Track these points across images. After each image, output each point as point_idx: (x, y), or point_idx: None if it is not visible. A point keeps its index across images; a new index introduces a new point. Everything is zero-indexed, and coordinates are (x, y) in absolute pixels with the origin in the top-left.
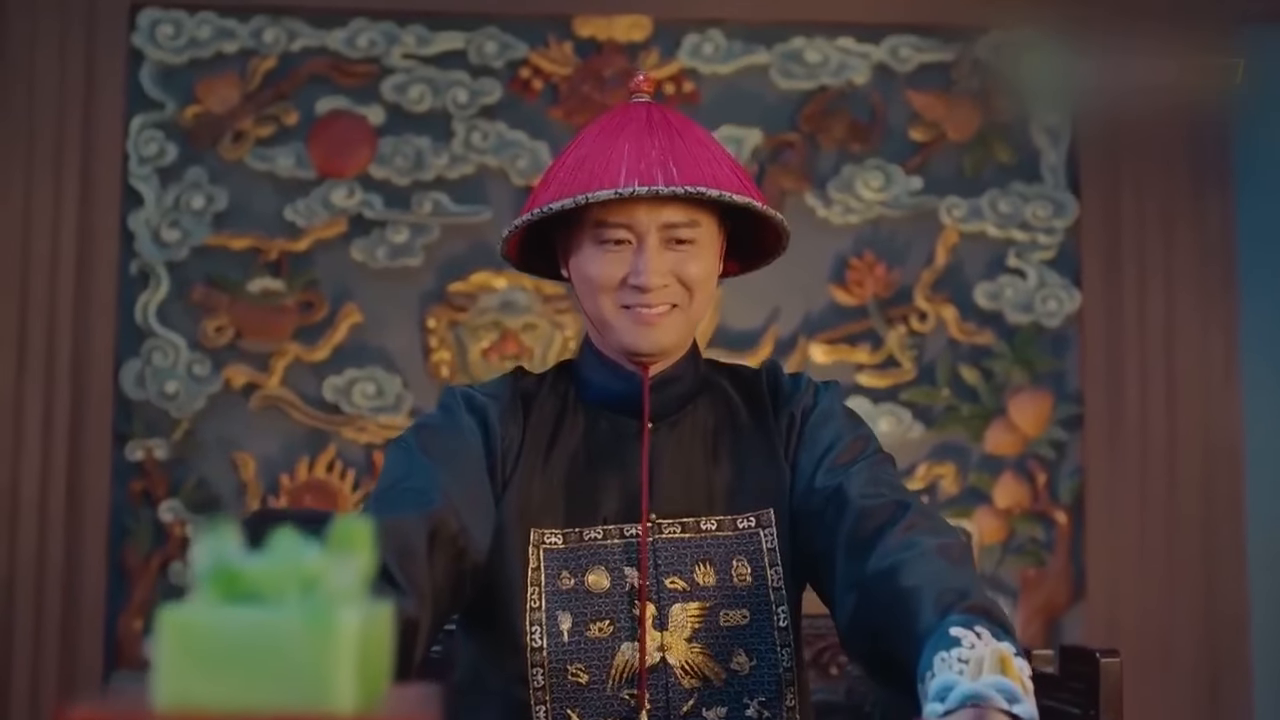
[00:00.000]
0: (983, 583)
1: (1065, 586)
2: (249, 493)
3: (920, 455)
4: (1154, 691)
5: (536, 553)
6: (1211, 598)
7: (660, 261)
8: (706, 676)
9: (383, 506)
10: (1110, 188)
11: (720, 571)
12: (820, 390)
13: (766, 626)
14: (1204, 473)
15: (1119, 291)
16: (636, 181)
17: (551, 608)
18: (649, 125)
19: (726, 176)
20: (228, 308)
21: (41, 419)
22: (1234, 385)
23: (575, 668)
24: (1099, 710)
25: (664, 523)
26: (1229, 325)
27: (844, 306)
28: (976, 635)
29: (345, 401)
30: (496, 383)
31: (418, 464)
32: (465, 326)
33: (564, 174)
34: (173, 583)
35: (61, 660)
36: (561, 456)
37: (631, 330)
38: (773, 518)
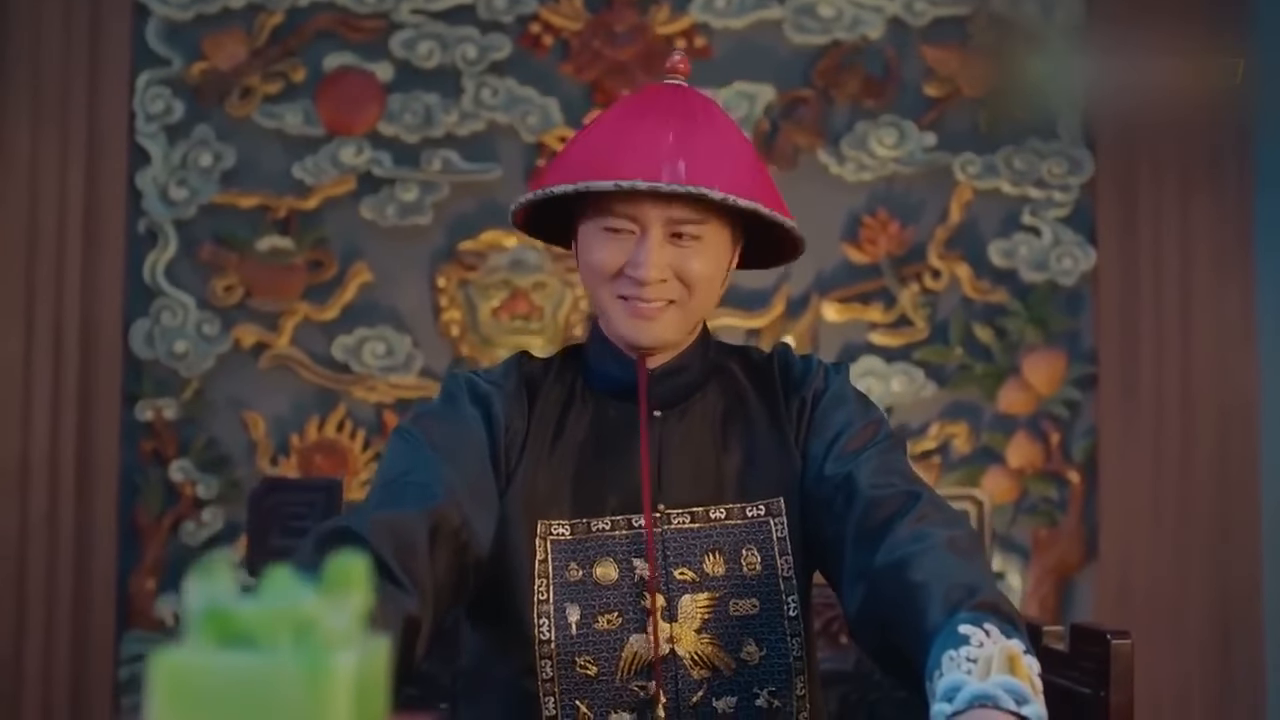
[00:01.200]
0: (993, 575)
1: (1077, 546)
2: (259, 452)
3: (933, 414)
4: (1164, 652)
5: (544, 544)
6: (1224, 558)
7: (661, 255)
8: (716, 667)
9: (385, 500)
10: (1127, 145)
11: (730, 561)
12: (830, 373)
13: (776, 616)
14: (1218, 433)
15: (1134, 250)
16: (641, 176)
17: (559, 600)
18: (671, 114)
19: (742, 175)
20: (236, 266)
21: (51, 379)
22: (1250, 345)
23: (584, 659)
24: (1109, 691)
25: (673, 513)
26: (1245, 284)
27: (857, 265)
28: (985, 633)
29: (355, 361)
30: (501, 369)
31: (421, 456)
32: (475, 285)
33: (577, 153)
34: (184, 542)
35: (74, 619)
36: (568, 446)
37: (627, 322)
38: (782, 506)
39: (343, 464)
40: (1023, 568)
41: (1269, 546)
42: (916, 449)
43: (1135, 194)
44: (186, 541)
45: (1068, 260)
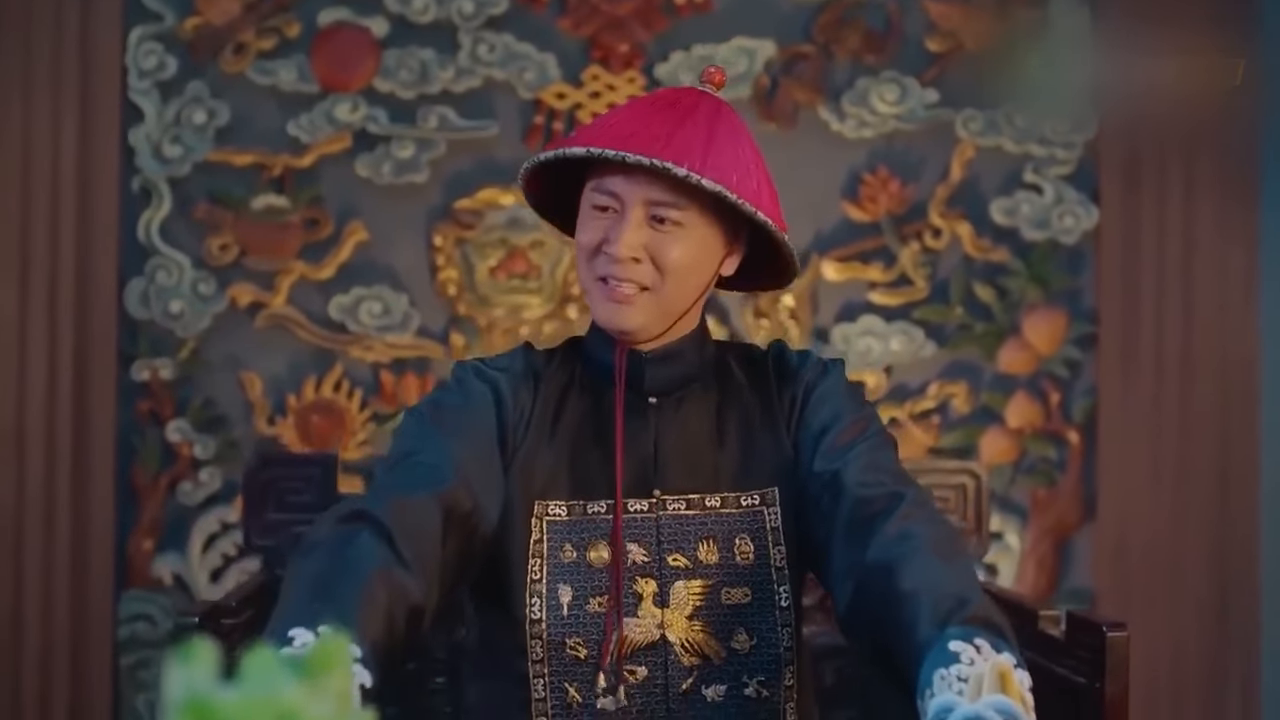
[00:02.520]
0: (977, 578)
1: (1076, 506)
2: (256, 412)
3: (932, 374)
4: (1161, 611)
5: (540, 524)
6: (1222, 518)
7: (635, 235)
8: (706, 655)
9: (397, 481)
10: (1131, 102)
11: (723, 549)
12: (824, 368)
13: (768, 605)
14: (1218, 393)
15: (1138, 208)
16: (618, 147)
17: (552, 580)
18: (690, 112)
19: (725, 172)
20: (231, 225)
21: (46, 339)
22: (1252, 305)
23: (574, 641)
24: (1104, 682)
25: (668, 499)
26: (1249, 244)
27: (856, 223)
28: (976, 649)
29: (352, 320)
30: (507, 356)
31: (431, 436)
32: (472, 244)
33: (586, 129)
34: (181, 502)
35: (73, 580)
36: (567, 429)
37: (603, 305)
38: (776, 496)
39: (340, 424)
40: (1020, 528)
41: (1267, 507)
42: (916, 409)
43: (1139, 152)
44: (184, 501)
45: (1069, 219)
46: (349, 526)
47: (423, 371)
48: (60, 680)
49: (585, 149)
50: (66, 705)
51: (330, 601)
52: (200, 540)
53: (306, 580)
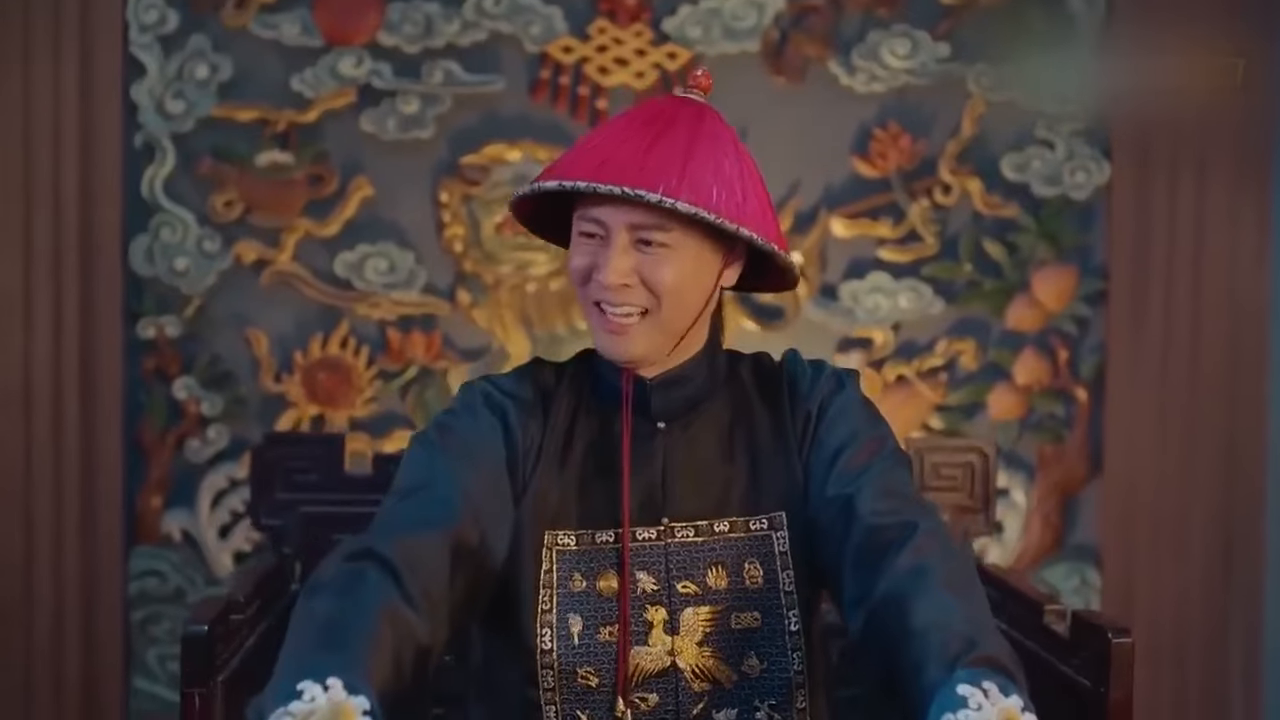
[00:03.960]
0: (989, 613)
1: (1083, 463)
2: (262, 369)
3: (940, 331)
4: (1166, 568)
5: (550, 555)
6: (1229, 476)
7: (623, 260)
8: (717, 679)
9: (404, 517)
10: (1144, 53)
11: (732, 574)
12: (839, 384)
13: (778, 629)
14: (1227, 351)
15: (1150, 164)
16: (593, 176)
17: (562, 610)
18: (669, 127)
19: (706, 189)
20: (236, 181)
21: (52, 298)
22: (1263, 263)
23: (585, 670)
24: (1109, 688)
25: (676, 526)
26: (1261, 202)
27: (866, 179)
28: (984, 693)
29: (357, 277)
30: (515, 378)
31: (440, 469)
32: (478, 200)
33: (569, 154)
34: (189, 459)
35: (82, 537)
36: (576, 457)
37: (602, 336)
38: (784, 520)
39: (346, 381)
40: (1027, 484)
41: (1274, 465)
42: (923, 366)
43: (1152, 107)
44: (191, 459)
45: (1081, 174)
46: (356, 565)
47: (429, 329)
48: (72, 636)
49: (558, 182)
50: (78, 660)
51: (338, 650)
52: (208, 497)
53: (314, 625)
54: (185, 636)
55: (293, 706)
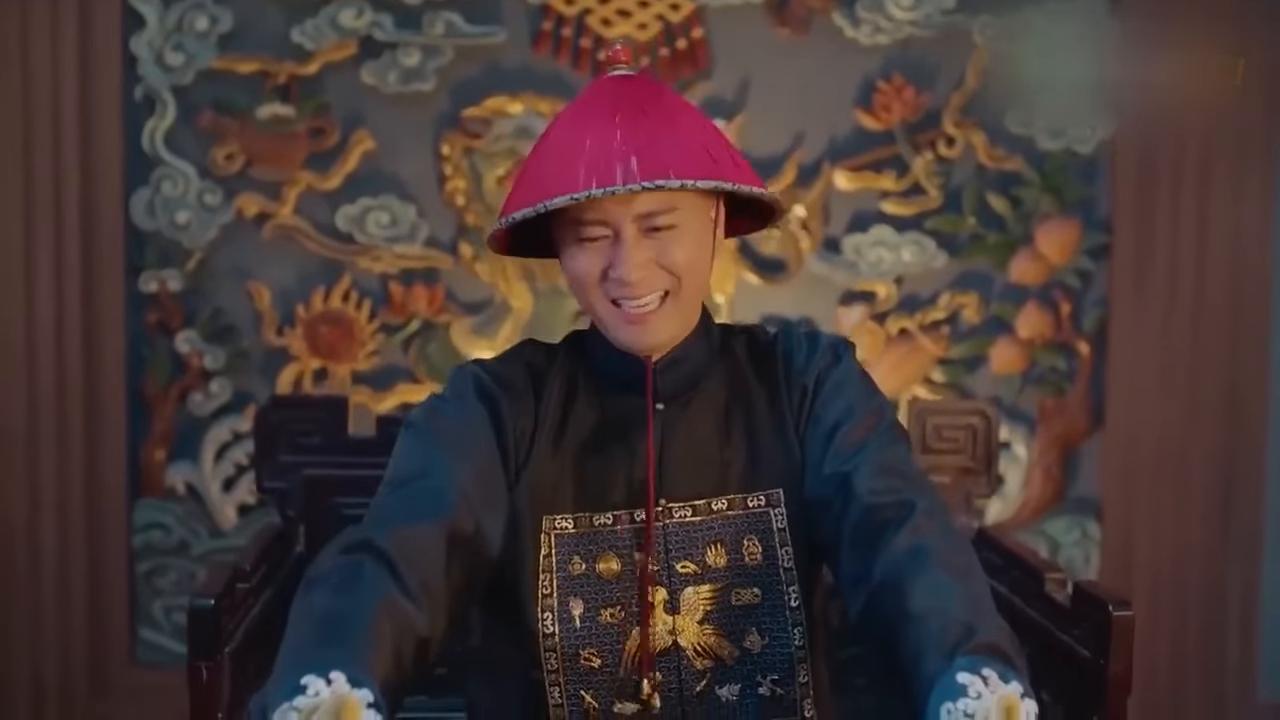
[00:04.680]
0: (989, 593)
1: (1084, 416)
2: (265, 323)
3: (943, 284)
4: (1166, 521)
5: (548, 539)
6: (1229, 430)
7: (639, 252)
8: (719, 656)
9: (398, 508)
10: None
11: (731, 551)
12: (835, 356)
13: (778, 605)
14: (1231, 305)
15: (1155, 116)
16: (595, 181)
17: (563, 594)
18: (616, 110)
19: (696, 153)
20: (237, 134)
21: (53, 252)
22: (1268, 216)
23: (587, 652)
24: (1109, 660)
25: (674, 506)
26: (1267, 155)
27: (870, 131)
28: (983, 681)
29: (359, 231)
30: (507, 362)
31: (434, 458)
32: (480, 153)
33: (534, 171)
34: (192, 413)
35: (87, 491)
36: (572, 440)
37: (624, 329)
38: (782, 497)
39: (349, 335)
40: (1028, 438)
41: (1275, 419)
42: (926, 319)
43: (1159, 58)
44: (195, 412)
45: (1086, 128)
46: (352, 558)
47: (432, 282)
48: (78, 589)
49: (568, 196)
50: (84, 613)
51: (339, 644)
52: (212, 450)
53: (313, 621)
54: (192, 610)
55: (297, 701)
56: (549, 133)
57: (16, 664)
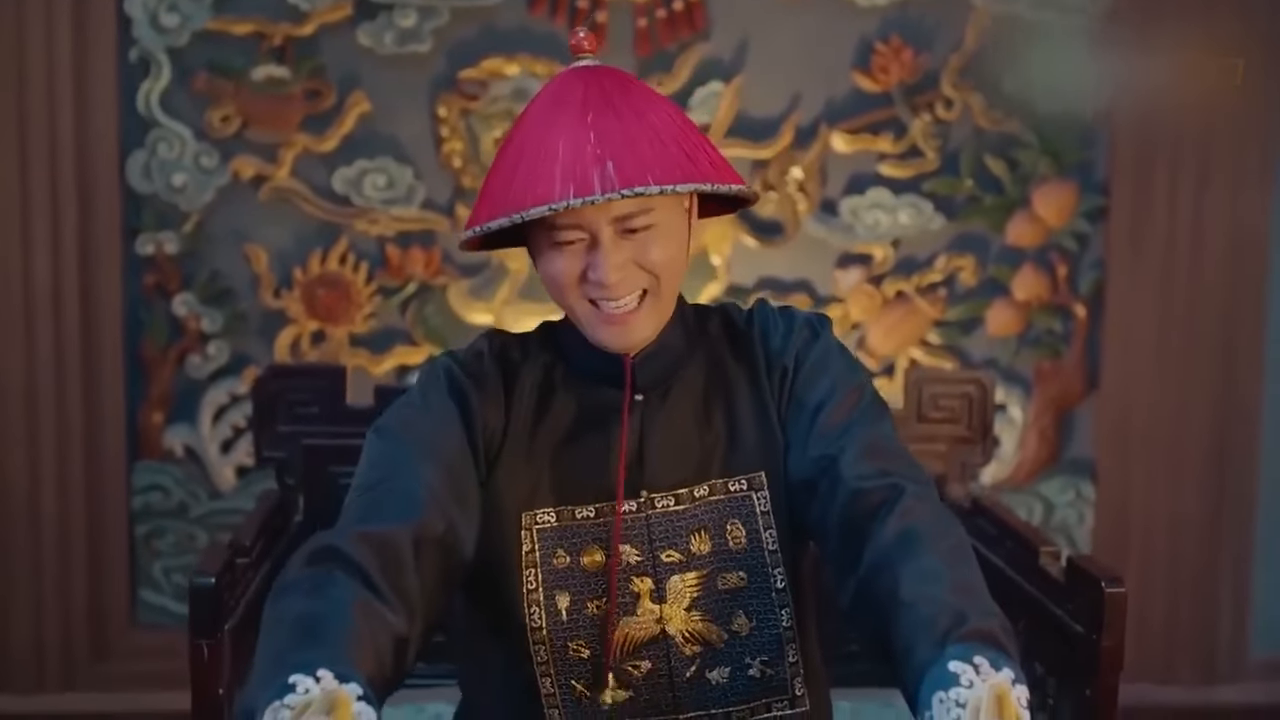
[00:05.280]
0: (980, 576)
1: (1080, 379)
2: (262, 285)
3: (940, 246)
4: (1160, 482)
5: (530, 535)
6: (1224, 393)
7: (617, 255)
8: (708, 640)
9: (368, 513)
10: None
11: (715, 536)
12: (813, 333)
13: (764, 588)
14: (1227, 267)
15: (1153, 78)
16: (572, 190)
17: (548, 587)
18: (587, 109)
19: (672, 152)
20: (232, 96)
21: (50, 215)
22: (1266, 179)
23: (576, 644)
24: (1101, 634)
25: (656, 496)
26: (1267, 121)
27: (868, 93)
28: (975, 669)
29: (356, 193)
30: (475, 355)
31: (401, 460)
32: (477, 115)
33: (503, 172)
34: (190, 375)
35: (86, 453)
36: (549, 434)
37: (603, 330)
38: (764, 480)
39: (346, 297)
40: (1024, 400)
41: (1269, 381)
42: (923, 281)
43: (1159, 18)
44: (192, 375)
45: (1084, 92)
46: (321, 568)
47: (429, 245)
48: (78, 551)
49: (546, 206)
50: (85, 575)
51: (320, 644)
52: (210, 412)
53: (290, 623)
54: (193, 588)
55: (288, 699)
56: (516, 134)
57: (18, 625)
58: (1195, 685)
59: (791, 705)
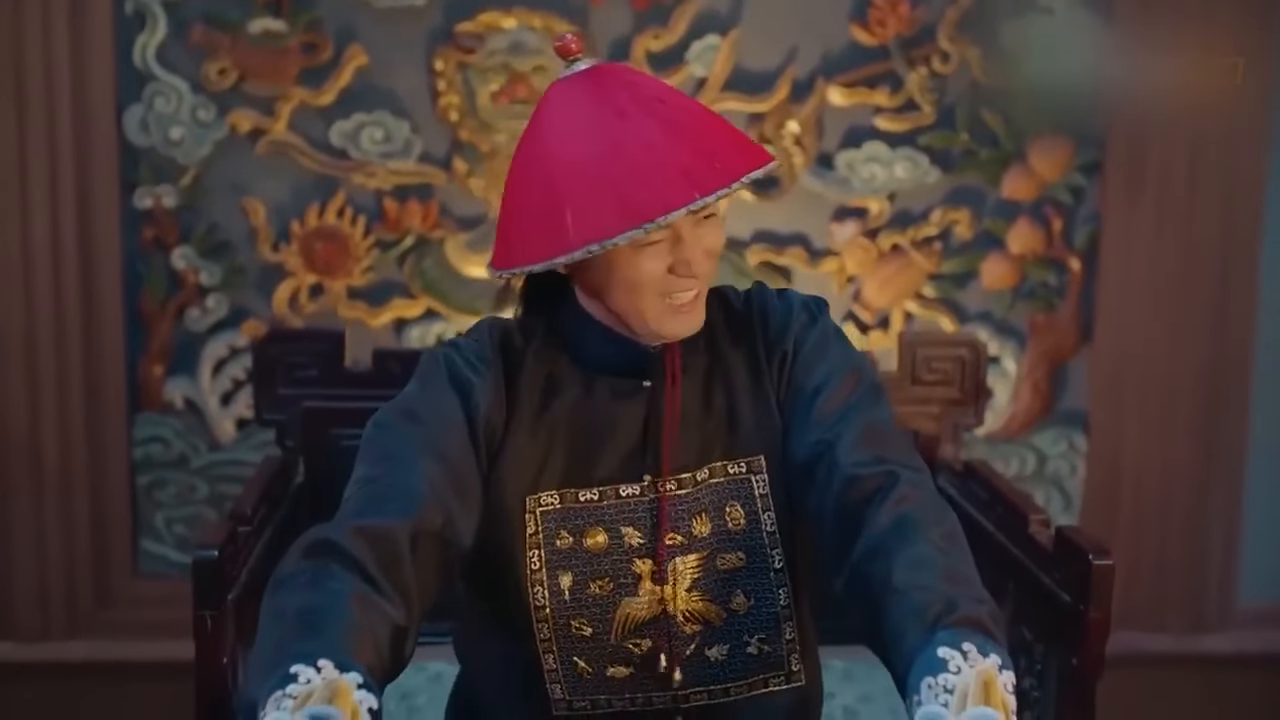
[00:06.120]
0: (971, 563)
1: (1074, 331)
2: (260, 239)
3: (935, 200)
4: (1152, 433)
5: (534, 518)
6: (1218, 346)
7: (698, 245)
8: (707, 619)
9: (366, 506)
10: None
11: (715, 518)
12: (811, 317)
13: (763, 568)
14: (1222, 221)
15: (1150, 30)
16: (678, 195)
17: (552, 568)
18: (628, 110)
19: (734, 138)
20: (229, 49)
21: (47, 168)
22: (1262, 133)
23: (578, 622)
24: (1089, 606)
25: (660, 481)
26: (1263, 71)
27: (864, 46)
28: (963, 655)
29: (353, 147)
30: (477, 343)
31: (401, 453)
32: (474, 69)
33: (581, 196)
34: (189, 328)
35: (87, 406)
36: (555, 421)
37: (672, 321)
38: (764, 463)
39: (344, 250)
40: (1018, 352)
41: (1262, 335)
42: (918, 235)
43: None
44: (192, 328)
45: (1080, 42)
46: (317, 561)
47: (426, 198)
48: (81, 501)
49: (685, 208)
50: (87, 524)
51: (320, 635)
52: (209, 365)
53: (290, 615)
54: (196, 561)
55: (290, 689)
56: (547, 151)
57: (21, 576)
58: (1183, 633)
59: (787, 681)
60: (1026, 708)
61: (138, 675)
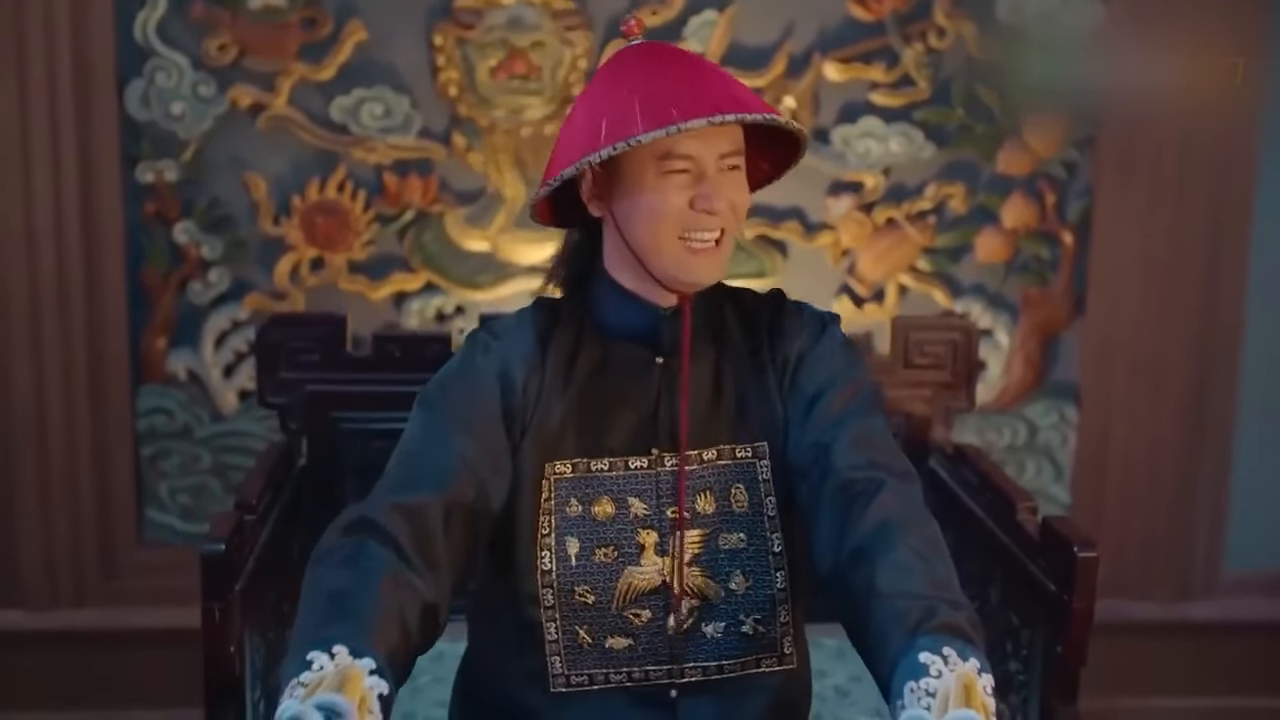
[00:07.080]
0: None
1: (1066, 305)
2: (261, 213)
3: (930, 175)
4: (1142, 406)
5: (549, 484)
6: (1207, 321)
7: (722, 186)
8: (706, 596)
9: (402, 480)
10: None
11: (720, 498)
12: (821, 327)
13: (762, 550)
14: (1212, 198)
15: (1144, 9)
16: (719, 112)
17: (560, 533)
18: (672, 59)
19: (767, 105)
20: (229, 25)
21: (49, 143)
22: (1253, 112)
23: (582, 589)
24: (1073, 597)
25: (667, 456)
26: (1258, 47)
27: (861, 22)
28: (944, 659)
29: (353, 122)
30: (516, 324)
31: (439, 429)
32: (473, 44)
33: (617, 111)
34: (192, 301)
35: (90, 379)
36: (575, 389)
37: (689, 262)
38: (767, 450)
39: (344, 225)
40: (1010, 325)
41: (1252, 309)
42: (913, 209)
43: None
44: (194, 301)
45: (1076, 17)
46: (355, 538)
47: (426, 172)
48: (86, 472)
49: (705, 119)
50: (92, 494)
51: (344, 619)
52: (212, 338)
53: (321, 599)
54: (204, 555)
55: (303, 676)
56: (607, 88)
57: (28, 546)
58: (1171, 600)
59: (780, 663)
60: (1012, 690)
61: (144, 642)
